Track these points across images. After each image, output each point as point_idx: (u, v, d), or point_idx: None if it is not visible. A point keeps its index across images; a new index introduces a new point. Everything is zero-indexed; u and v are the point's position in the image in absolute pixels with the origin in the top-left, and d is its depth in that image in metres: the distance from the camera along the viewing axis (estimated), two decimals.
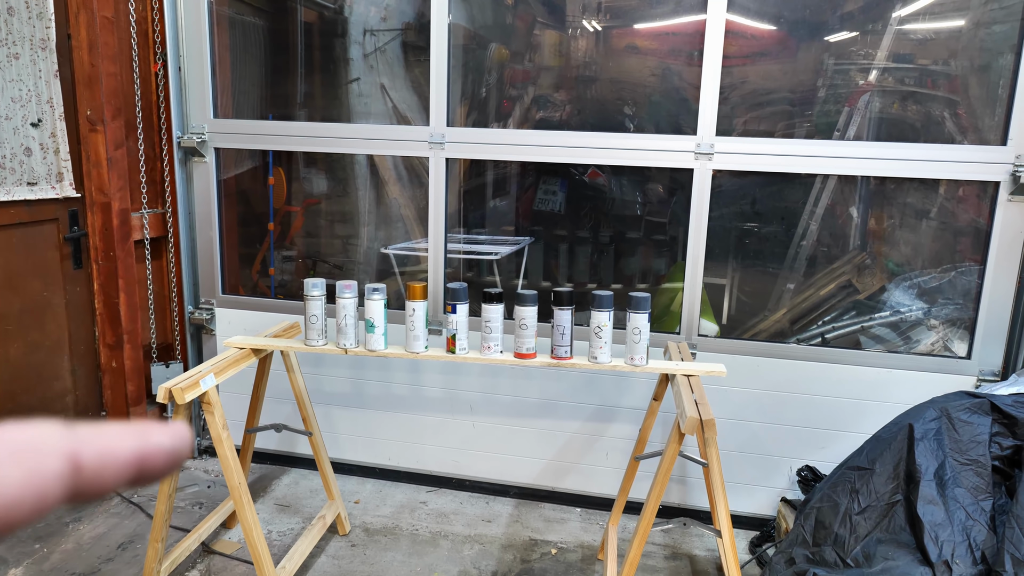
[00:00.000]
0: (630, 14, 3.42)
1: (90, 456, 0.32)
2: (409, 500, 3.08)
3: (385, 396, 3.13)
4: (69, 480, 0.31)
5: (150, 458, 0.34)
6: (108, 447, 0.32)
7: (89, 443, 0.32)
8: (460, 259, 3.67)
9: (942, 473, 2.08)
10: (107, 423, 0.34)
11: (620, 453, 2.93)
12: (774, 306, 3.36)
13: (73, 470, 0.31)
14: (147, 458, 0.34)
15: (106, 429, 0.33)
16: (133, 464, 0.33)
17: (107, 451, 0.32)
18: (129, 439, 0.33)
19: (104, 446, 0.32)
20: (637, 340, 2.36)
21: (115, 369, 3.15)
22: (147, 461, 0.34)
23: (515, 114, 3.56)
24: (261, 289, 3.90)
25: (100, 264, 3.06)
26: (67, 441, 0.31)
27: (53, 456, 0.31)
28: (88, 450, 0.32)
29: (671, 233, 3.57)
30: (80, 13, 2.87)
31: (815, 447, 2.78)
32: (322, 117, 3.78)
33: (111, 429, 0.33)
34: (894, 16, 3.05)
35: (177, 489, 3.02)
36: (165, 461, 0.34)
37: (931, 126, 3.03)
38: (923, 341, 2.87)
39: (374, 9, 3.59)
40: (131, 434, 0.34)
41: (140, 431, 0.34)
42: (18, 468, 0.29)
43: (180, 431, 0.35)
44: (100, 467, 0.32)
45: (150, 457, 0.34)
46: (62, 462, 0.31)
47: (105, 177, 2.98)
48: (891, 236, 3.22)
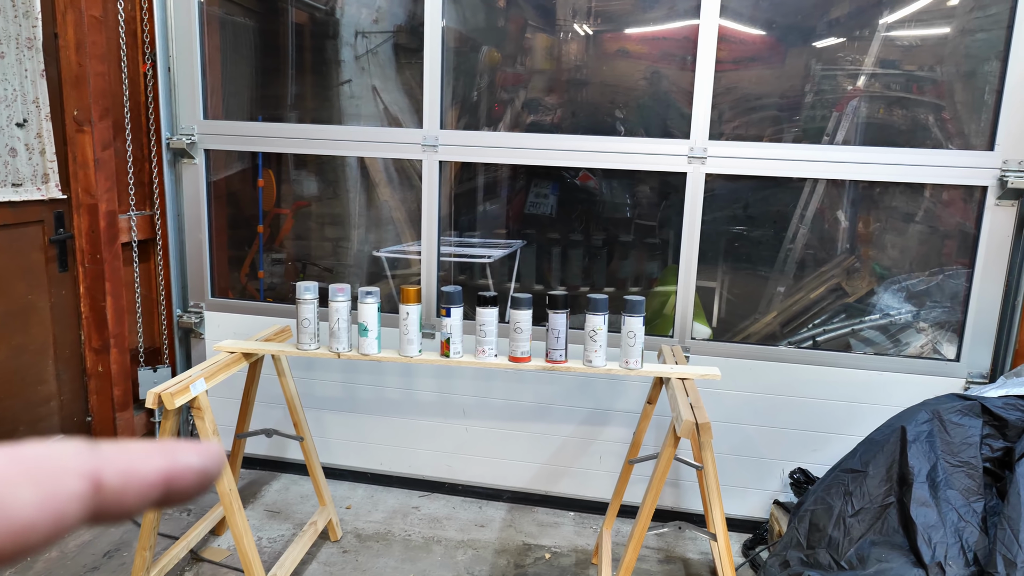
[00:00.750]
0: (622, 18, 3.43)
1: (112, 476, 0.30)
2: (401, 505, 3.07)
3: (377, 400, 3.11)
4: (89, 501, 0.29)
5: (178, 478, 0.32)
6: (132, 466, 0.31)
7: (112, 462, 0.30)
8: (452, 262, 3.66)
9: (934, 475, 2.10)
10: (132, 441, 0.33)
11: (614, 456, 2.94)
12: (765, 309, 3.38)
13: (94, 490, 0.30)
14: (174, 478, 0.32)
15: (131, 447, 0.32)
16: (159, 484, 0.31)
17: (131, 470, 0.31)
18: (155, 458, 0.32)
19: (128, 465, 0.31)
20: (632, 344, 2.36)
21: (101, 373, 3.11)
22: (174, 481, 0.32)
23: (507, 117, 3.56)
24: (250, 292, 3.86)
25: (86, 267, 3.01)
26: (88, 460, 0.30)
27: (72, 476, 0.29)
28: (110, 469, 0.30)
29: (663, 236, 3.59)
30: (67, 12, 2.83)
31: (807, 449, 2.80)
32: (313, 119, 3.76)
33: (136, 447, 0.32)
34: (881, 23, 3.08)
35: None
36: (194, 482, 0.33)
37: (918, 131, 3.06)
38: (912, 344, 2.90)
39: (366, 11, 3.58)
40: (158, 453, 0.32)
41: (168, 450, 0.32)
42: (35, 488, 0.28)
43: (211, 451, 0.34)
44: (123, 487, 0.30)
45: (178, 477, 0.32)
46: (82, 482, 0.29)
47: (92, 178, 2.94)
48: (879, 240, 3.25)
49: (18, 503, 0.27)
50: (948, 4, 3.01)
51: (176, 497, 0.32)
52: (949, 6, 3.01)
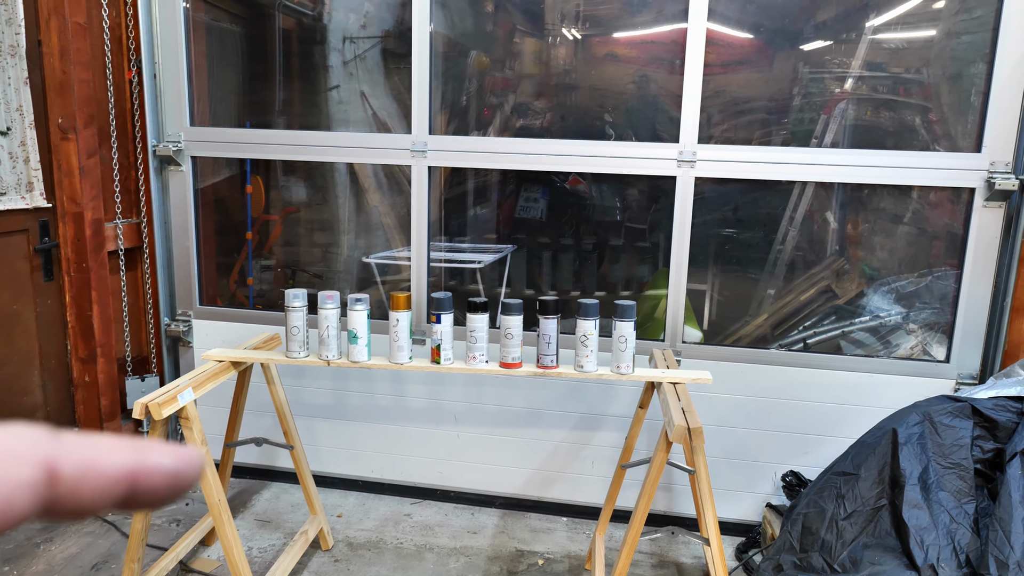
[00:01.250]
0: (610, 23, 3.43)
1: (70, 467, 0.28)
2: (393, 513, 3.05)
3: (368, 407, 3.10)
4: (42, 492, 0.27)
5: (145, 479, 0.29)
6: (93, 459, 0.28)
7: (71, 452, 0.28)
8: (443, 267, 3.64)
9: (926, 477, 2.10)
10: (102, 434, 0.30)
11: (606, 461, 2.93)
12: (755, 311, 3.38)
13: (48, 481, 0.27)
14: (141, 479, 0.29)
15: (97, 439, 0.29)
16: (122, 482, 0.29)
17: (92, 464, 0.28)
18: (121, 454, 0.29)
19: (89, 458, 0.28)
20: (623, 348, 2.36)
21: (88, 383, 3.07)
22: (140, 482, 0.29)
23: (496, 122, 3.55)
24: (239, 299, 3.84)
25: (72, 276, 2.98)
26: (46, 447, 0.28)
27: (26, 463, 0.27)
28: (69, 460, 0.28)
29: (653, 239, 3.59)
30: (51, 19, 2.81)
31: (799, 452, 2.80)
32: (301, 125, 3.74)
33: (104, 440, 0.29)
34: (868, 25, 3.09)
35: None
36: (163, 485, 0.30)
37: (905, 133, 3.07)
38: (903, 345, 2.91)
39: (353, 16, 3.56)
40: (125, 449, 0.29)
41: (138, 447, 0.30)
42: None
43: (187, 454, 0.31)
44: (80, 481, 0.28)
45: (145, 478, 0.29)
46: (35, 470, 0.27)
47: (77, 186, 2.91)
48: (868, 241, 3.26)
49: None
50: (933, 7, 3.03)
51: (142, 499, 0.30)
52: (934, 9, 3.02)
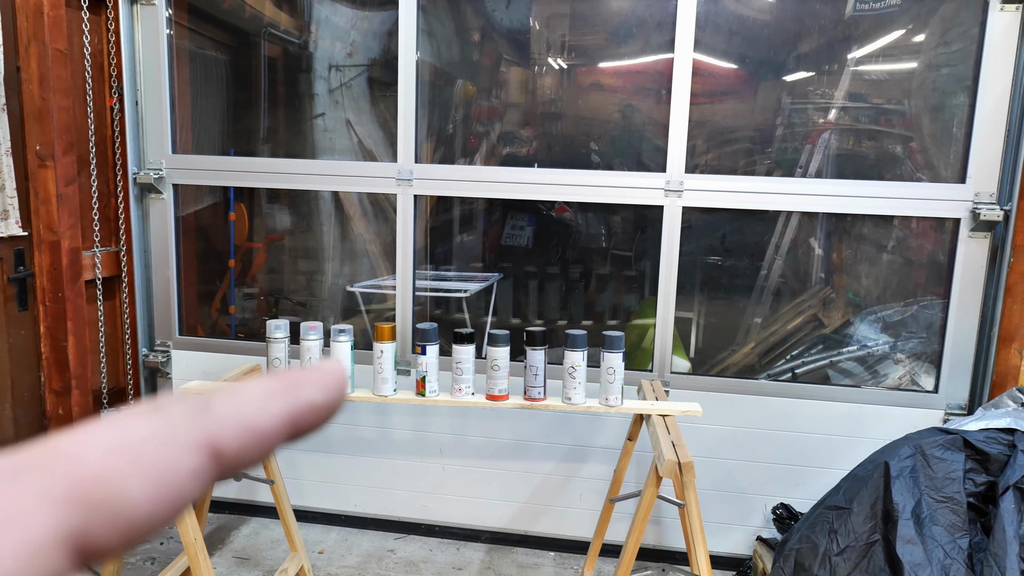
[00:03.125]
0: (595, 52, 3.44)
1: (231, 439, 0.25)
2: (376, 549, 2.96)
3: (351, 440, 3.02)
4: (208, 473, 0.25)
5: (302, 422, 0.27)
6: (251, 423, 0.26)
7: (228, 423, 0.26)
8: (428, 296, 3.60)
9: (919, 511, 2.07)
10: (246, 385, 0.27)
11: (595, 494, 2.87)
12: (742, 340, 3.36)
13: (213, 461, 0.25)
14: (298, 423, 0.27)
15: (245, 395, 0.27)
16: (281, 435, 0.27)
17: (250, 428, 0.26)
18: (276, 404, 0.27)
19: (246, 423, 0.26)
20: (612, 380, 2.32)
21: (62, 416, 2.98)
22: (298, 426, 0.27)
23: (482, 150, 3.53)
24: (221, 328, 3.76)
25: (47, 306, 2.91)
26: (201, 427, 0.25)
27: (187, 451, 0.25)
28: (228, 432, 0.25)
29: (639, 268, 3.57)
30: (31, 45, 2.76)
31: (789, 484, 2.76)
32: (286, 152, 3.70)
33: (251, 394, 0.27)
34: (851, 57, 3.12)
35: None
36: (318, 419, 0.28)
37: (889, 163, 3.09)
38: (890, 375, 2.89)
39: (340, 45, 3.55)
40: (278, 396, 0.27)
41: (287, 389, 0.27)
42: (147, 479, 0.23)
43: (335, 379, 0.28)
44: (243, 449, 0.26)
45: (302, 420, 0.27)
46: (198, 456, 0.25)
47: (55, 215, 2.84)
48: (854, 270, 3.26)
49: (130, 500, 0.23)
50: (914, 40, 3.06)
51: (299, 438, 0.28)
52: (915, 42, 3.06)
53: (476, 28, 3.51)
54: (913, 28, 3.06)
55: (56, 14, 2.78)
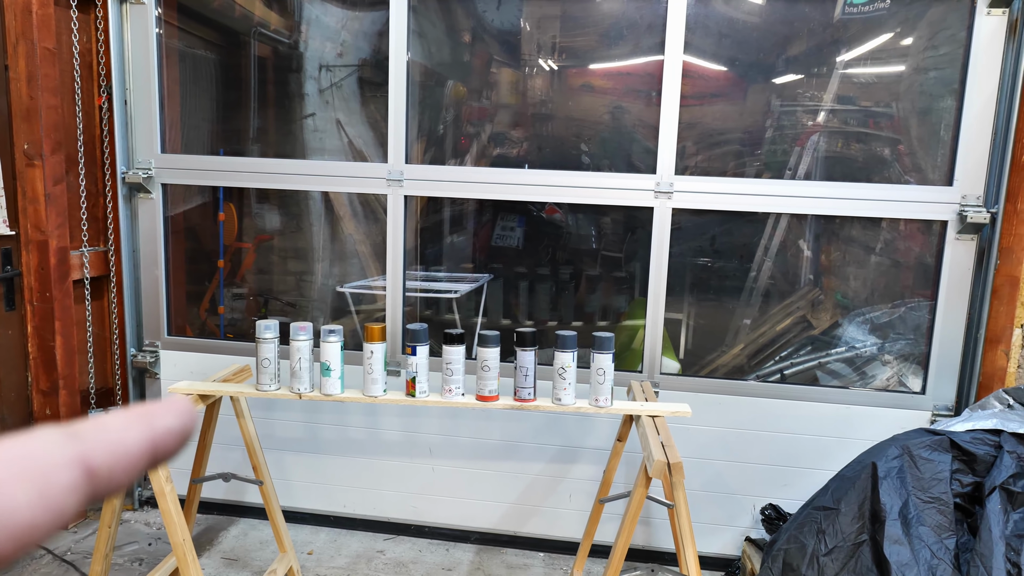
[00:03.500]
0: (586, 54, 3.44)
1: (101, 457, 0.29)
2: (366, 549, 2.95)
3: (341, 440, 3.01)
4: (84, 488, 0.29)
5: (161, 444, 0.32)
6: (117, 443, 0.30)
7: (97, 444, 0.29)
8: (418, 297, 3.59)
9: (906, 512, 2.08)
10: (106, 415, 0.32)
11: (584, 495, 2.87)
12: (732, 341, 3.36)
13: (87, 477, 0.29)
14: (158, 445, 0.32)
15: (108, 423, 0.31)
16: (145, 455, 0.31)
17: (117, 448, 0.30)
18: (136, 429, 0.31)
19: (112, 443, 0.30)
20: (602, 381, 2.31)
21: (49, 416, 2.96)
22: (158, 447, 0.32)
23: (472, 151, 3.53)
24: (210, 328, 3.74)
25: (35, 305, 2.88)
26: (74, 447, 0.29)
27: (64, 467, 0.28)
28: (97, 451, 0.29)
29: (629, 269, 3.57)
30: (19, 44, 2.74)
31: (778, 485, 2.77)
32: (276, 152, 3.68)
33: (113, 422, 0.31)
34: (839, 60, 3.13)
35: (115, 547, 2.83)
36: (176, 443, 0.32)
37: (877, 165, 3.11)
38: (878, 376, 2.90)
39: (330, 45, 3.53)
40: (136, 422, 0.31)
41: (144, 417, 0.32)
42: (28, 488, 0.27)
43: (183, 408, 0.33)
44: (113, 466, 0.30)
45: (161, 443, 0.32)
46: (74, 472, 0.28)
47: (42, 214, 2.82)
48: (843, 272, 3.27)
49: (16, 506, 0.26)
50: (902, 44, 3.08)
51: (160, 460, 0.32)
52: (903, 45, 3.07)
53: (467, 29, 3.50)
54: (901, 32, 3.08)
55: (45, 12, 2.76)
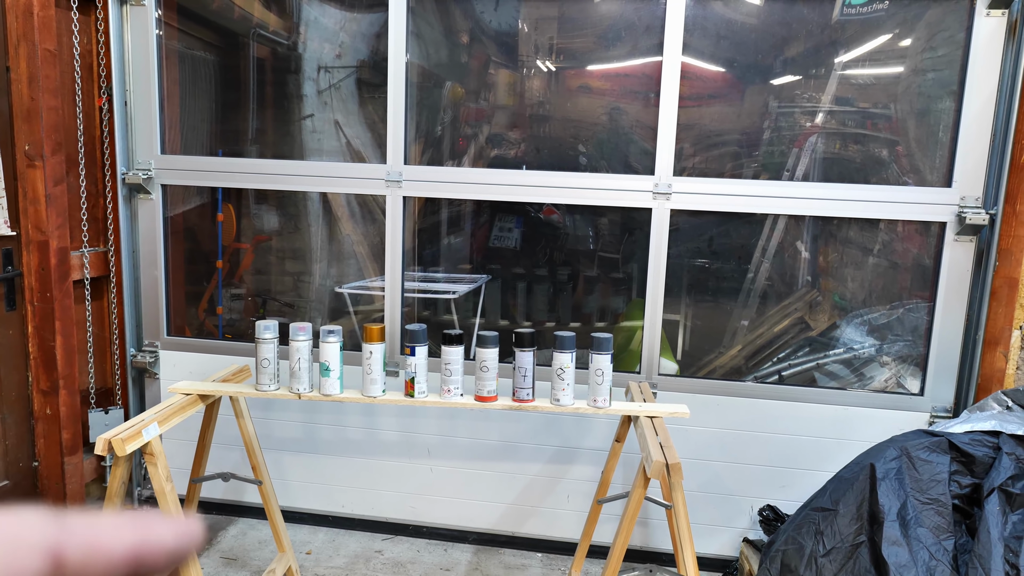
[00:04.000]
0: (584, 55, 3.43)
1: (76, 552, 0.27)
2: (364, 549, 2.94)
3: (339, 440, 3.00)
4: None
5: (148, 557, 0.29)
6: (98, 542, 0.28)
7: (76, 536, 0.28)
8: (416, 298, 3.57)
9: (904, 513, 2.06)
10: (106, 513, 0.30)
11: (582, 496, 2.86)
12: (729, 342, 3.35)
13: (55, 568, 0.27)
14: (144, 556, 0.29)
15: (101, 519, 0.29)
16: (126, 562, 0.28)
17: (96, 547, 0.28)
18: (125, 533, 0.29)
19: (93, 540, 0.28)
20: (600, 382, 2.30)
21: (49, 416, 2.94)
22: (143, 559, 0.29)
23: (470, 152, 3.52)
24: (208, 329, 3.73)
25: (35, 305, 2.87)
26: (51, 533, 0.27)
27: (33, 551, 0.26)
28: (74, 544, 0.27)
29: (627, 270, 3.56)
30: (20, 45, 2.73)
31: (776, 486, 2.76)
32: (274, 153, 3.67)
33: (107, 519, 0.29)
34: (837, 61, 3.13)
35: None
36: (165, 561, 0.30)
37: (875, 166, 3.10)
38: (877, 378, 2.89)
39: (328, 46, 3.52)
40: (129, 526, 0.29)
41: (140, 524, 0.30)
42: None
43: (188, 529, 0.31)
44: (85, 565, 0.28)
45: (148, 555, 0.29)
46: (42, 559, 0.27)
47: (43, 214, 2.81)
48: (840, 273, 3.26)
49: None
50: (900, 45, 3.07)
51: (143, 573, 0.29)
52: (901, 47, 3.06)
53: (465, 30, 3.49)
54: (900, 33, 3.07)
55: (46, 14, 2.75)
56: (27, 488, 2.95)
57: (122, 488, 2.23)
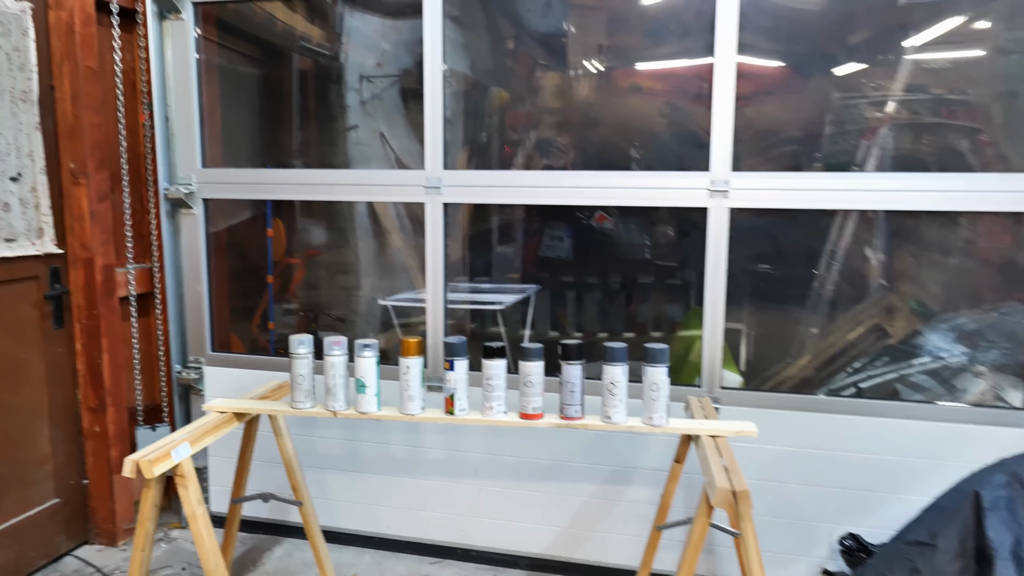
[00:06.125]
0: (632, 54, 3.15)
1: None
2: (411, 573, 2.69)
3: (383, 458, 2.77)
4: None
5: None
6: None
7: None
8: (464, 309, 3.34)
9: (1019, 550, 1.69)
10: None
11: (639, 520, 2.54)
12: (797, 352, 2.99)
13: None
14: None
15: None
16: None
17: None
18: None
19: None
20: (655, 397, 2.00)
21: (98, 434, 2.81)
22: None
23: (518, 158, 3.27)
24: (261, 344, 3.58)
25: (82, 323, 2.75)
26: None
27: None
28: None
29: (684, 277, 3.24)
30: (64, 64, 2.63)
31: (858, 512, 2.37)
32: (319, 166, 3.51)
33: None
34: (908, 46, 2.76)
35: (151, 571, 2.65)
36: None
37: (954, 157, 2.71)
38: (971, 390, 2.48)
39: (370, 55, 3.34)
40: None
41: None
42: None
43: None
44: None
45: None
46: None
47: (88, 232, 2.69)
48: (920, 274, 2.87)
49: None
50: (977, 26, 2.69)
51: None
52: (979, 28, 2.69)
53: (510, 36, 3.26)
54: (976, 14, 2.70)
55: (87, 32, 2.64)
56: (77, 506, 2.83)
57: (154, 511, 2.04)
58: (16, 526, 2.58)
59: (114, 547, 2.86)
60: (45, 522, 2.70)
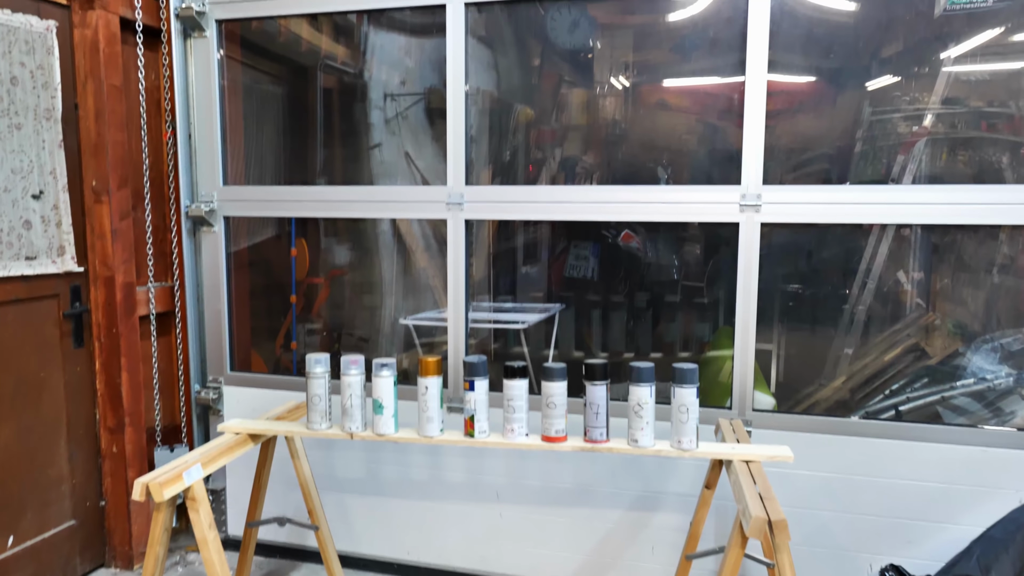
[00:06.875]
0: (660, 70, 3.08)
1: None
2: None
3: (402, 481, 2.69)
4: None
5: None
6: None
7: None
8: (487, 329, 3.26)
9: None
10: None
11: (668, 547, 2.42)
12: (831, 373, 2.86)
13: None
14: None
15: None
16: None
17: None
18: None
19: None
20: (684, 420, 1.90)
21: (116, 454, 2.77)
22: None
23: (542, 176, 3.20)
24: (284, 364, 3.53)
25: (102, 341, 2.72)
26: None
27: None
28: None
29: (712, 296, 3.13)
30: (88, 82, 2.63)
31: (900, 541, 2.23)
32: (343, 184, 3.47)
33: None
34: (945, 58, 2.66)
35: None
36: None
37: (995, 172, 2.59)
38: (1018, 413, 2.34)
39: (395, 73, 3.31)
40: None
41: None
42: None
43: None
44: None
45: None
46: None
47: (109, 249, 2.67)
48: (961, 293, 2.74)
49: None
50: (1017, 38, 2.59)
51: None
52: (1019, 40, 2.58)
53: (536, 54, 3.21)
54: (1015, 24, 2.59)
55: (111, 50, 2.65)
56: (94, 527, 2.78)
57: (165, 535, 1.98)
58: (34, 547, 2.54)
59: (130, 571, 2.80)
60: (62, 543, 2.65)
